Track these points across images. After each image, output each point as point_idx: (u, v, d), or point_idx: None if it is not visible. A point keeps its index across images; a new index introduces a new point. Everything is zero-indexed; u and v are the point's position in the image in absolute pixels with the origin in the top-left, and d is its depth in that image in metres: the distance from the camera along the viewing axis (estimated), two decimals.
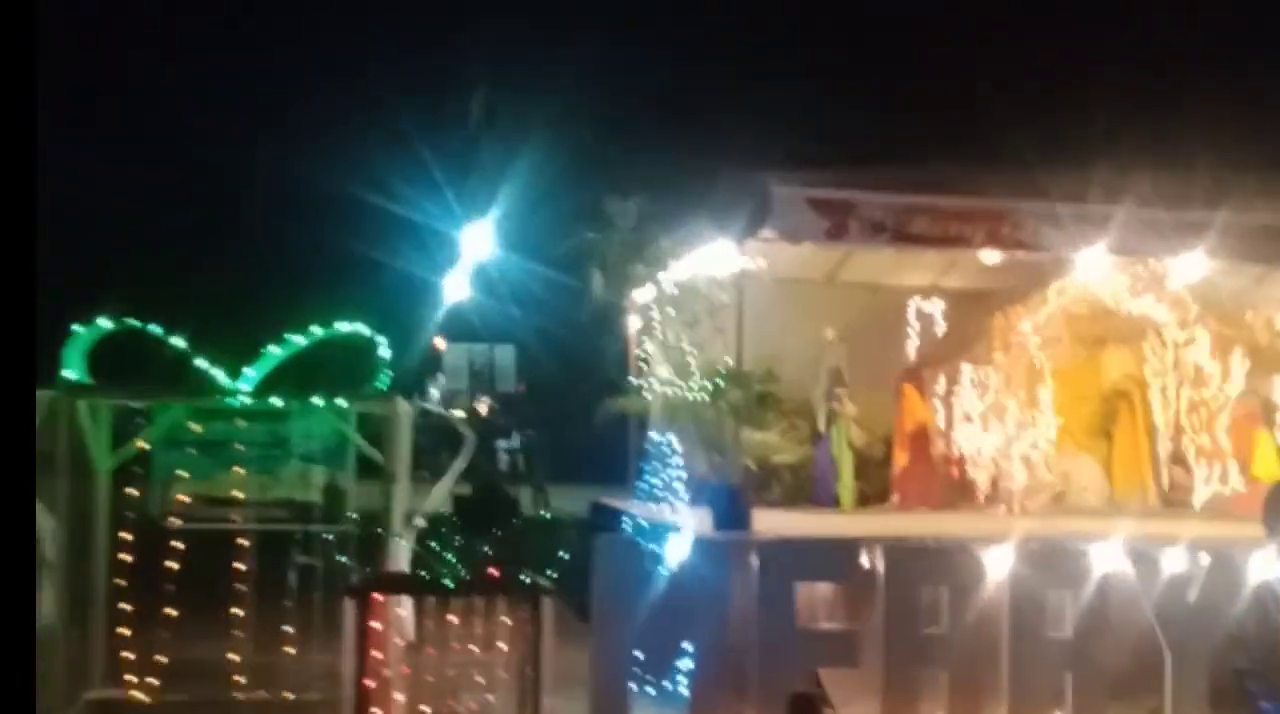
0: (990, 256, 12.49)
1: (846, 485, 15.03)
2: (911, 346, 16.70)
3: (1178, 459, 16.30)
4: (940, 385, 16.30)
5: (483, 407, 23.63)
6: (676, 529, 10.47)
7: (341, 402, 10.04)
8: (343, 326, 10.18)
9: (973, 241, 11.95)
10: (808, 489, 15.58)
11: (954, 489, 15.96)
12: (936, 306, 16.87)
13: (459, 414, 18.08)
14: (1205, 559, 9.80)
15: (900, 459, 15.71)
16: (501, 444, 22.41)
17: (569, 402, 16.92)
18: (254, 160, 22.95)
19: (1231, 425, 15.88)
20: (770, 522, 13.43)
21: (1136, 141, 12.06)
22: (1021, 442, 15.66)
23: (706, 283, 12.94)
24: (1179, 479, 16.21)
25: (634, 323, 16.12)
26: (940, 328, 16.79)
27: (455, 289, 11.57)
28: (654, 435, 13.11)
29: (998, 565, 9.50)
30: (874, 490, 15.79)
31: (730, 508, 11.07)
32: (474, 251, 11.41)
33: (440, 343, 24.97)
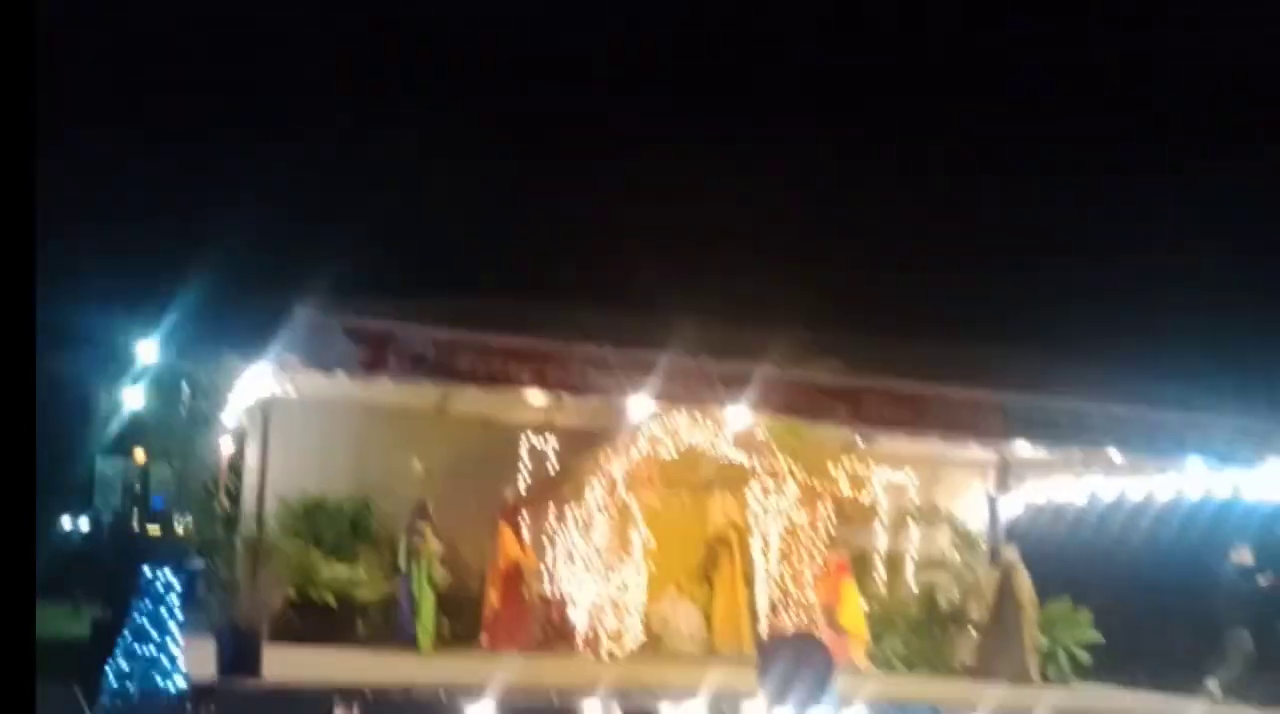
0: (537, 397, 12.37)
1: (425, 625, 14.59)
2: (523, 484, 16.52)
3: (776, 608, 16.48)
4: (545, 523, 16.12)
5: None
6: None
7: None
8: None
9: (519, 380, 11.83)
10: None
11: (552, 631, 15.72)
12: (549, 444, 16.74)
13: None
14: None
15: (492, 599, 15.39)
16: None
17: None
18: None
19: (821, 576, 16.17)
20: (336, 662, 12.96)
21: (688, 288, 12.23)
22: (610, 585, 15.56)
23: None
24: (777, 629, 16.34)
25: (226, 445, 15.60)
26: (553, 466, 16.66)
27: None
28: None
29: None
30: (467, 630, 15.40)
31: (234, 650, 10.48)
32: None
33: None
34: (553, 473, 16.51)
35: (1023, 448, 15.07)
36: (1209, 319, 17.16)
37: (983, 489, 18.05)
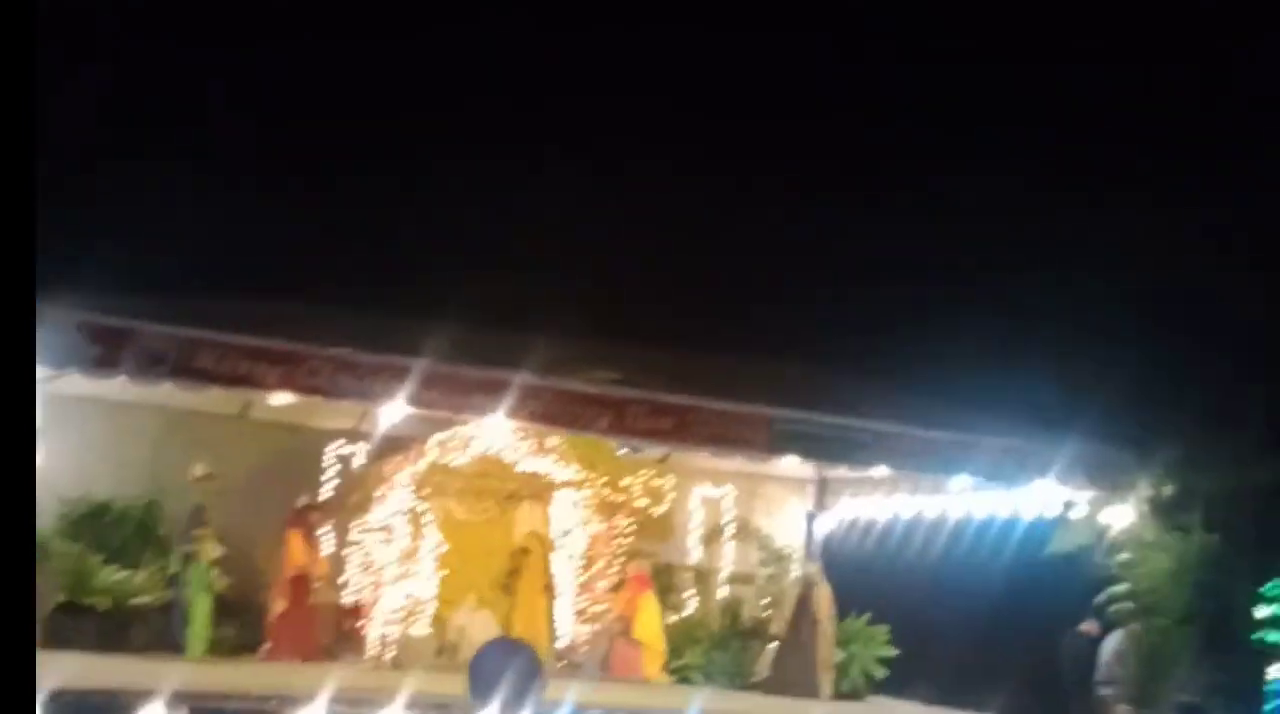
0: (283, 399, 12.21)
1: (198, 632, 14.35)
2: (324, 491, 16.34)
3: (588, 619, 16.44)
4: (341, 531, 15.97)
5: None
6: None
7: None
8: None
9: (265, 383, 11.65)
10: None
11: (342, 640, 15.57)
12: (358, 451, 16.58)
13: None
14: None
15: (277, 605, 15.18)
16: None
17: None
18: None
19: (619, 588, 16.14)
20: (103, 668, 12.64)
21: (451, 293, 12.14)
22: (404, 594, 15.45)
23: None
24: (579, 639, 16.32)
25: None
26: (354, 474, 16.50)
27: None
28: None
29: None
30: (253, 637, 15.19)
31: None
32: None
33: None
34: (371, 481, 16.35)
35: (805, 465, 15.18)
36: (985, 340, 17.33)
37: (801, 506, 18.09)
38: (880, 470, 14.05)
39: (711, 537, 17.69)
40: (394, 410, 12.29)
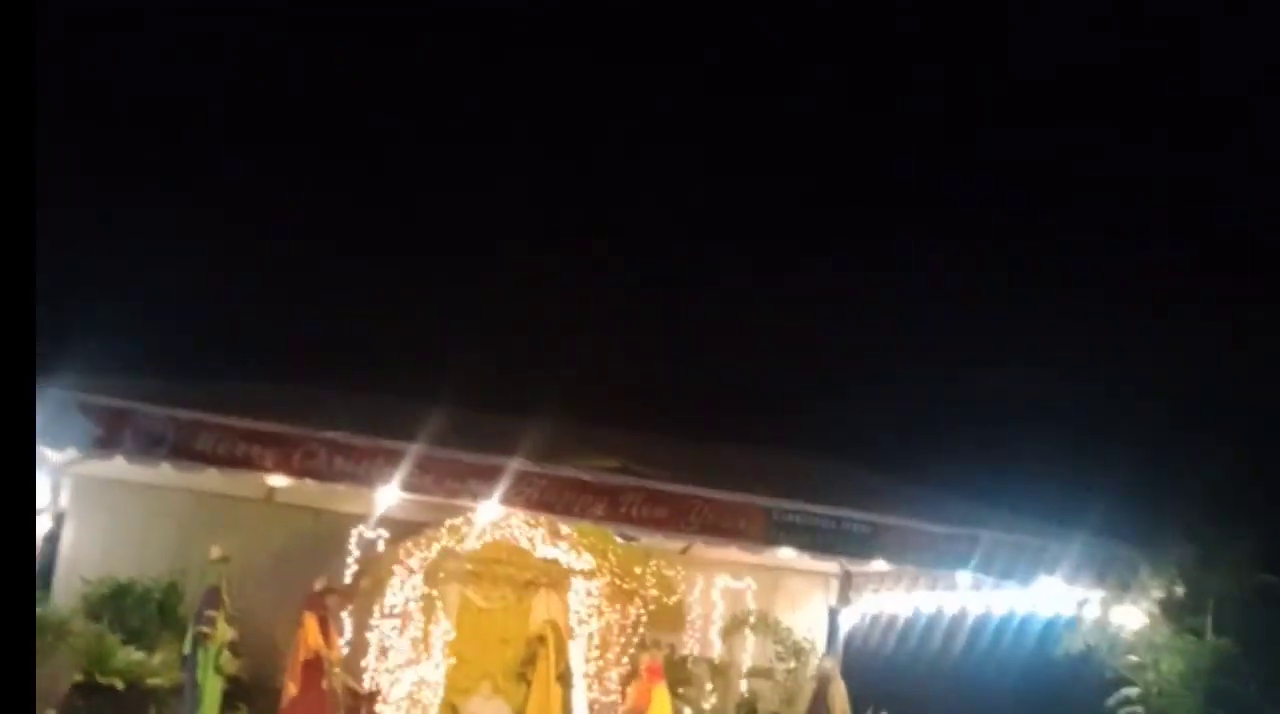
0: (280, 481, 12.44)
1: (208, 712, 14.50)
2: (344, 574, 16.50)
3: (602, 709, 16.32)
4: (359, 615, 16.09)
5: None
6: None
7: None
8: None
9: (261, 465, 11.90)
10: None
11: None
12: (379, 536, 16.75)
13: None
14: None
15: (290, 689, 15.28)
16: None
17: None
18: None
19: (635, 677, 16.02)
20: None
21: (448, 379, 12.36)
22: (420, 680, 15.49)
23: None
24: None
25: None
26: (373, 558, 16.64)
27: None
28: None
29: None
30: None
31: None
32: None
33: None
34: (385, 565, 16.50)
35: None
36: (989, 434, 17.15)
37: (824, 600, 17.92)
38: (879, 564, 13.88)
39: (731, 629, 17.55)
40: (390, 495, 12.43)
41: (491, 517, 15.02)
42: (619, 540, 14.93)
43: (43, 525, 15.62)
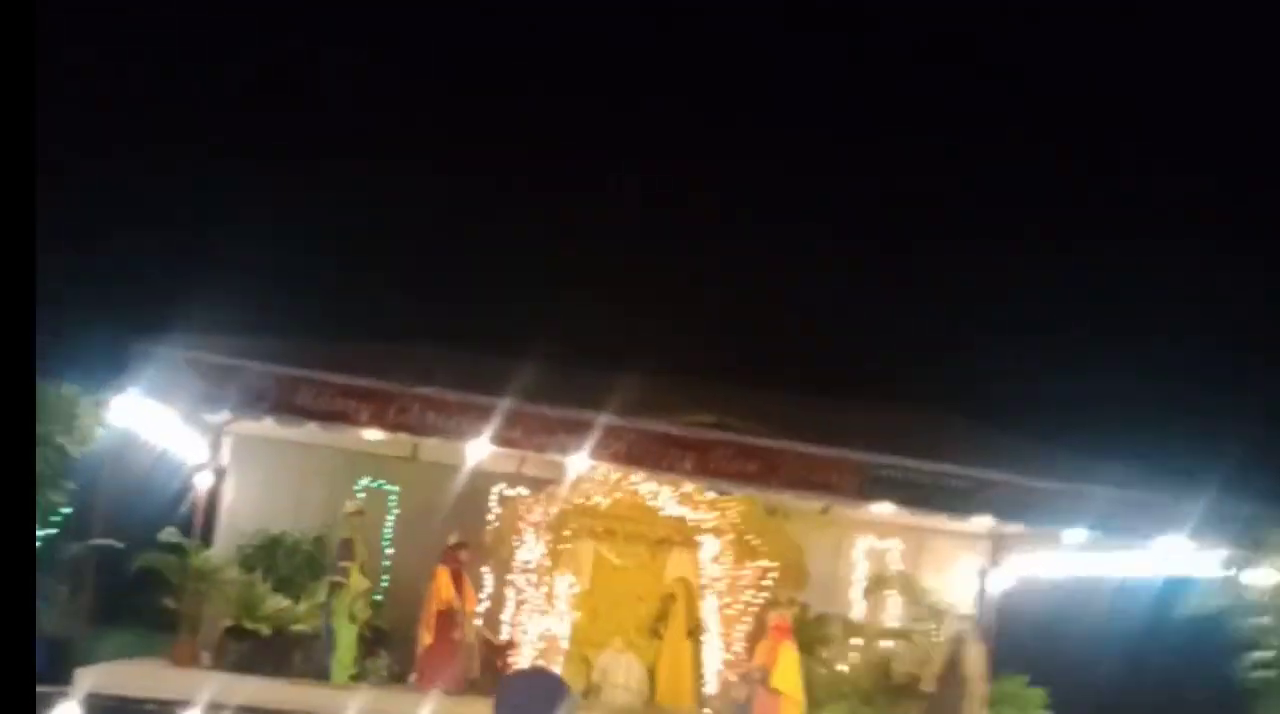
0: (374, 435, 12.88)
1: (342, 660, 15.17)
2: (484, 530, 17.01)
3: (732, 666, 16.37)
4: (498, 569, 16.58)
5: None
6: None
7: None
8: None
9: (358, 420, 12.36)
10: None
11: (489, 675, 16.08)
12: (519, 492, 17.19)
13: None
14: None
15: (425, 638, 15.86)
16: None
17: None
18: None
19: (762, 634, 15.97)
20: (259, 690, 13.81)
21: (540, 332, 12.56)
22: (553, 633, 15.86)
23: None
24: (723, 686, 16.26)
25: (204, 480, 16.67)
26: (512, 514, 17.06)
27: None
28: None
29: None
30: (406, 668, 15.98)
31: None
32: None
33: None
34: (510, 521, 16.94)
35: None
36: (1103, 383, 16.15)
37: (973, 562, 17.46)
38: (983, 520, 13.41)
39: (871, 589, 17.26)
40: (481, 448, 12.74)
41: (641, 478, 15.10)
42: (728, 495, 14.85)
43: (204, 481, 16.74)
